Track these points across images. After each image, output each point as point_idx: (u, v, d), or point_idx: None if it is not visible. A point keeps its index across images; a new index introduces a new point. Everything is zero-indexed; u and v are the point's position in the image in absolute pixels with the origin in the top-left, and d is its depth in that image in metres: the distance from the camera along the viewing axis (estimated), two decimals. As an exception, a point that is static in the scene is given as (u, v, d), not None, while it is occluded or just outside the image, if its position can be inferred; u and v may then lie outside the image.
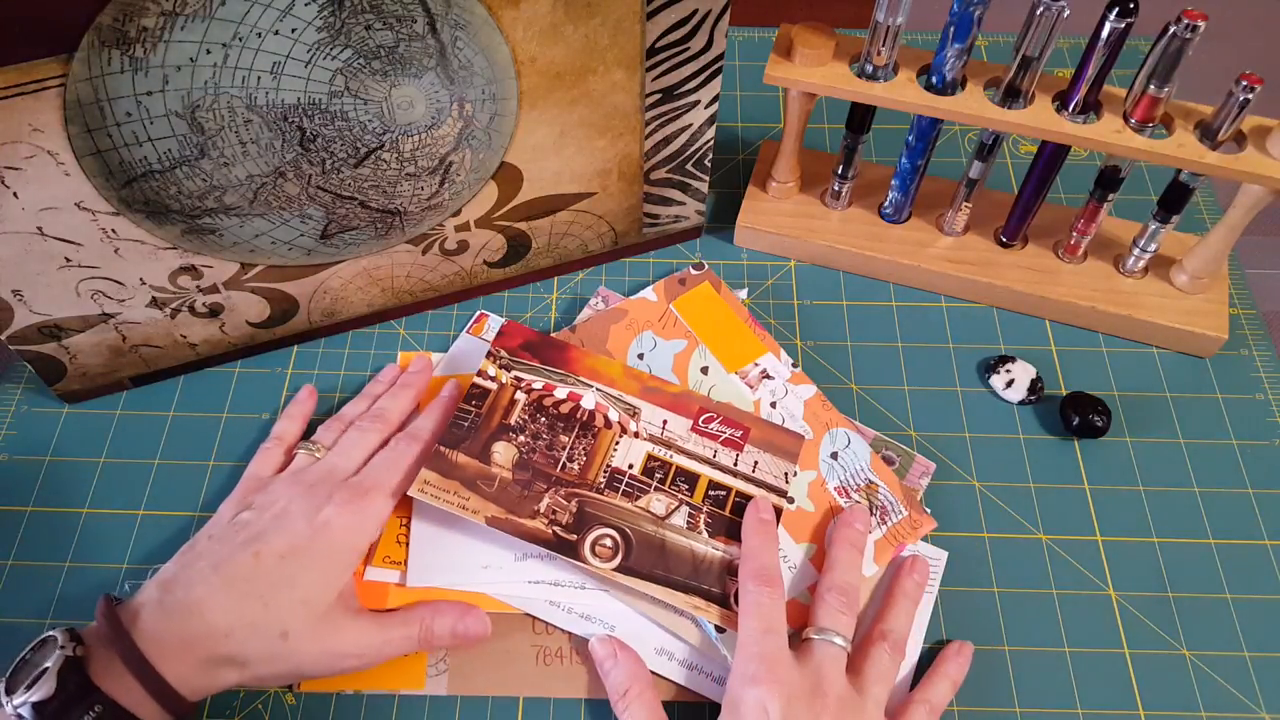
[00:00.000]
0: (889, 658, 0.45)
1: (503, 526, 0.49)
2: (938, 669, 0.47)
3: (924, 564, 0.50)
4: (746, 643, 0.44)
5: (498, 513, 0.49)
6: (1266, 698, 0.48)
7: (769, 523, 0.49)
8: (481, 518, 0.49)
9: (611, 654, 0.47)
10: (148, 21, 0.40)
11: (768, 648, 0.43)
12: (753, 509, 0.50)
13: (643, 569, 0.48)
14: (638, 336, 0.59)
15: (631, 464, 0.52)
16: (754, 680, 0.42)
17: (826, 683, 0.43)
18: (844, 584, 0.47)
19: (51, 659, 0.39)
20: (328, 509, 0.45)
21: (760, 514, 0.49)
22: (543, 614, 0.49)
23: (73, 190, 0.45)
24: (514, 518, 0.49)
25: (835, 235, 0.63)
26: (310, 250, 0.53)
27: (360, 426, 0.52)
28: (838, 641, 0.44)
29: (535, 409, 0.53)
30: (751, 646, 0.43)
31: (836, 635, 0.44)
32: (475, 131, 0.50)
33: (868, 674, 0.44)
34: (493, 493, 0.50)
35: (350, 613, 0.45)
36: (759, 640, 0.43)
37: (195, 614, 0.41)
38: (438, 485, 0.50)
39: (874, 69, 0.55)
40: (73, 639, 0.40)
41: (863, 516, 0.51)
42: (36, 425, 0.57)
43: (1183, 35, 0.48)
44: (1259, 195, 0.52)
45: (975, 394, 0.59)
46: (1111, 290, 0.60)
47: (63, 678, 0.38)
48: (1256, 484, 0.55)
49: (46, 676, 0.38)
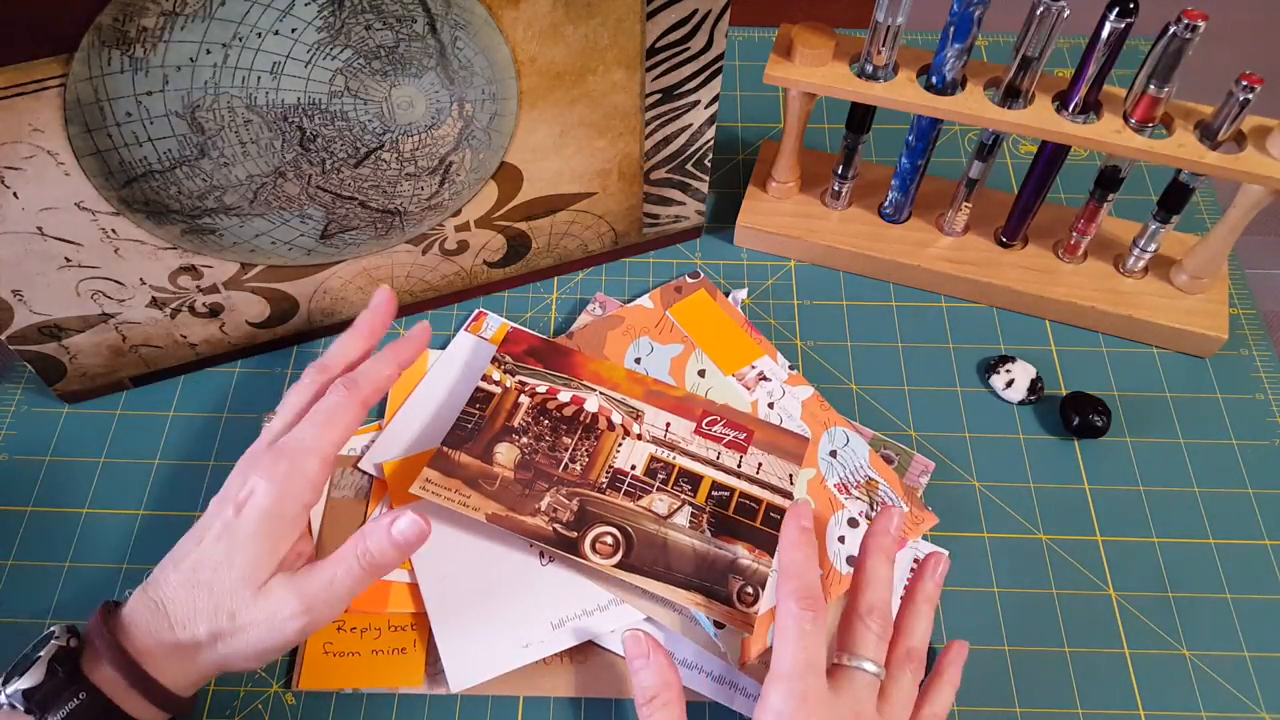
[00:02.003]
0: (913, 680, 0.43)
1: (503, 523, 0.49)
2: (940, 676, 0.45)
3: (946, 562, 0.47)
4: (788, 675, 0.41)
5: (498, 510, 0.49)
6: (1266, 698, 0.48)
7: (809, 532, 0.45)
8: (482, 515, 0.49)
9: (644, 653, 0.44)
10: (148, 21, 0.40)
11: (810, 687, 0.41)
12: (793, 517, 0.46)
13: (643, 566, 0.48)
14: (635, 342, 0.59)
15: (634, 465, 0.52)
16: None
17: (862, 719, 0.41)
18: (883, 605, 0.44)
19: (45, 649, 0.40)
20: (251, 479, 0.43)
21: (801, 521, 0.45)
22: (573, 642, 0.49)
23: (73, 190, 0.45)
24: (514, 515, 0.49)
25: (835, 235, 0.63)
26: (310, 250, 0.53)
27: (299, 382, 0.48)
28: (872, 669, 0.42)
29: (539, 412, 0.53)
30: (794, 681, 0.41)
31: (872, 663, 0.42)
32: (475, 131, 0.50)
33: (895, 701, 0.42)
34: (494, 491, 0.50)
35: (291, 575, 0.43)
36: (802, 677, 0.41)
37: (160, 611, 0.41)
38: (439, 483, 0.50)
39: (874, 69, 0.55)
40: (70, 633, 0.41)
41: (897, 519, 0.46)
42: (36, 425, 0.57)
43: (1183, 35, 0.48)
44: (1259, 195, 0.52)
45: (975, 394, 0.59)
46: (1111, 290, 0.60)
47: (52, 667, 0.39)
48: (1256, 484, 0.55)
49: (37, 665, 0.39)
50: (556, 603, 0.49)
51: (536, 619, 0.49)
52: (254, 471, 0.43)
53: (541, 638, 0.48)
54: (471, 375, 0.57)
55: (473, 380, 0.57)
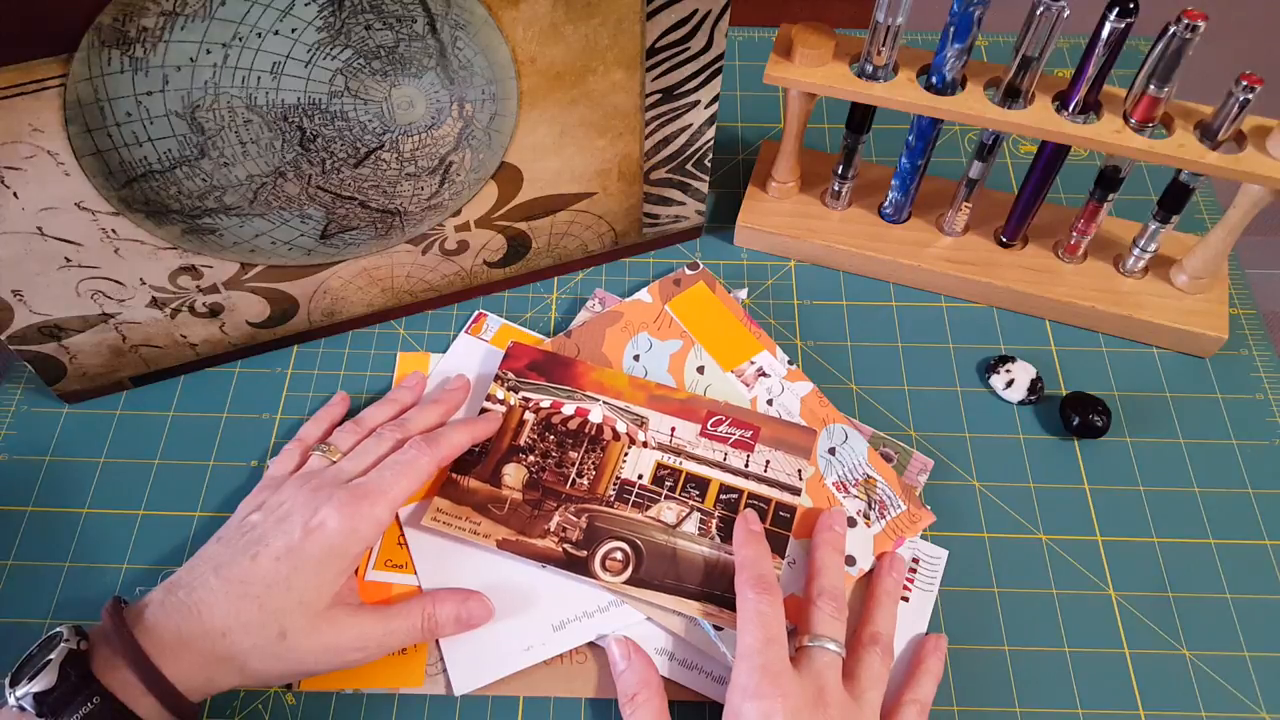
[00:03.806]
0: (880, 661, 0.46)
1: (513, 549, 0.49)
2: (920, 666, 0.47)
3: (901, 561, 0.51)
4: (748, 653, 0.43)
5: (508, 535, 0.50)
6: (1266, 698, 0.48)
7: (758, 534, 0.49)
8: (492, 542, 0.49)
9: (626, 655, 0.47)
10: (148, 21, 0.40)
11: (770, 659, 0.43)
12: (741, 522, 0.50)
13: (654, 579, 0.49)
14: (633, 338, 0.59)
15: (641, 474, 0.52)
16: (758, 694, 0.42)
17: (827, 692, 0.43)
18: (833, 588, 0.47)
19: (55, 652, 0.39)
20: (324, 510, 0.45)
21: (750, 526, 0.50)
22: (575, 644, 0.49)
23: (73, 190, 0.45)
24: (524, 539, 0.50)
25: (835, 235, 0.63)
26: (310, 250, 0.53)
27: (380, 434, 0.51)
28: (832, 648, 0.45)
29: (544, 427, 0.54)
30: (754, 658, 0.43)
31: (831, 641, 0.45)
32: (475, 131, 0.50)
33: (862, 679, 0.45)
34: (503, 515, 0.50)
35: (350, 608, 0.45)
36: (761, 651, 0.43)
37: (194, 615, 0.42)
38: (450, 513, 0.50)
39: (874, 69, 0.55)
40: (78, 635, 0.41)
41: (840, 519, 0.51)
42: (36, 425, 0.57)
43: (1183, 35, 0.48)
44: (1259, 195, 0.52)
45: (975, 394, 0.59)
46: (1111, 290, 0.60)
47: (64, 670, 0.39)
48: (1256, 484, 0.55)
49: (49, 668, 0.39)
50: (558, 605, 0.49)
51: (538, 621, 0.49)
52: (329, 504, 0.45)
53: (544, 640, 0.48)
54: (475, 381, 0.57)
55: (476, 386, 0.57)
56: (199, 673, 0.41)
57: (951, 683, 0.49)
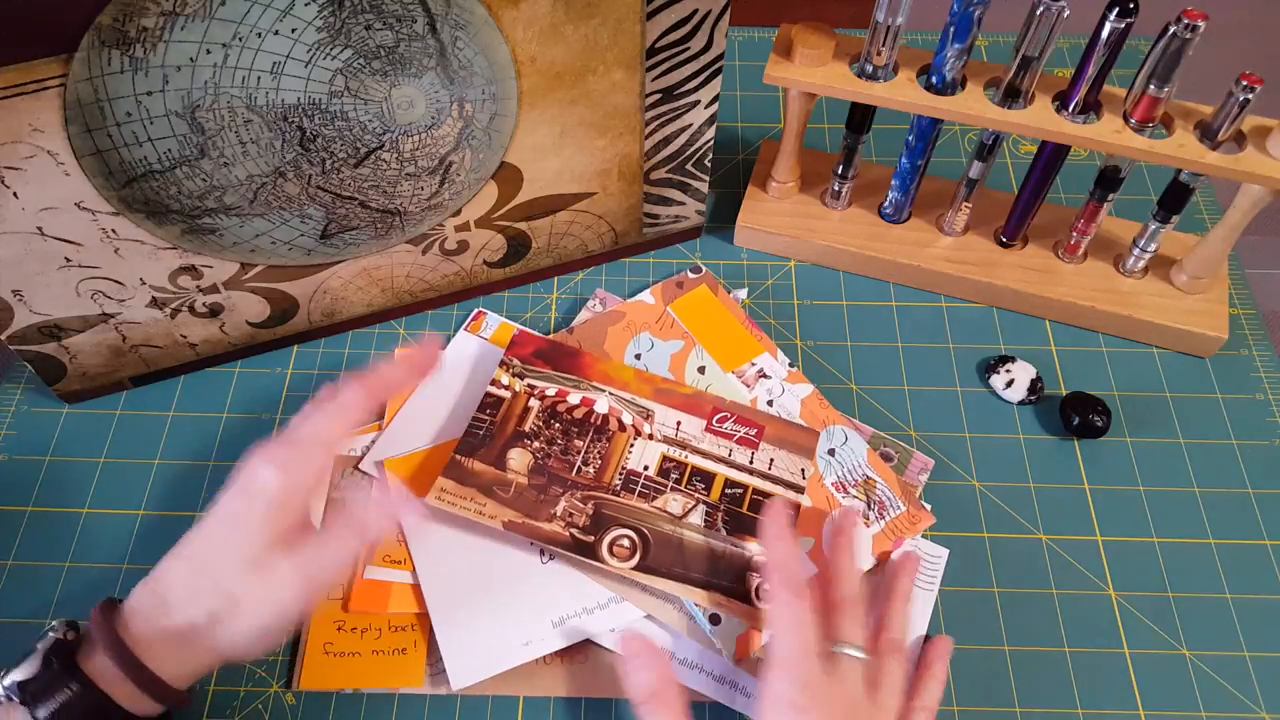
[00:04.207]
0: (900, 670, 0.45)
1: (519, 531, 0.49)
2: (927, 671, 0.47)
3: (917, 560, 0.51)
4: (787, 662, 0.43)
5: (514, 517, 0.50)
6: (1266, 698, 0.48)
7: (789, 530, 0.47)
8: (499, 523, 0.49)
9: (638, 653, 0.45)
10: (148, 21, 0.40)
11: (810, 672, 0.43)
12: (771, 512, 0.48)
13: (661, 567, 0.49)
14: (635, 338, 0.59)
15: (647, 465, 0.52)
16: (800, 709, 0.42)
17: (857, 704, 0.43)
18: (854, 596, 0.47)
19: (41, 642, 0.40)
20: (259, 467, 0.44)
21: (780, 518, 0.48)
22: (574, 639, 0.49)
23: (73, 190, 0.45)
24: (530, 522, 0.50)
25: (835, 235, 0.63)
26: (310, 250, 0.53)
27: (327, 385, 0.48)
28: (859, 655, 0.45)
29: (549, 415, 0.54)
30: (794, 668, 0.43)
31: (858, 649, 0.45)
32: (475, 131, 0.50)
33: (885, 687, 0.44)
34: (509, 498, 0.50)
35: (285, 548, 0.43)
36: (800, 661, 0.43)
37: (160, 596, 0.42)
38: (454, 493, 0.50)
39: (874, 69, 0.55)
40: (70, 627, 0.41)
41: (853, 520, 0.51)
42: (36, 425, 0.57)
43: (1183, 35, 0.48)
44: (1259, 195, 0.52)
45: (975, 394, 0.59)
46: (1111, 290, 0.60)
47: (47, 659, 0.40)
48: (1256, 484, 0.55)
49: (33, 657, 0.40)
50: (557, 601, 0.49)
51: (537, 617, 0.49)
52: (261, 459, 0.44)
53: (542, 635, 0.48)
54: (472, 376, 0.57)
55: (473, 381, 0.57)
56: (174, 655, 0.41)
57: (952, 682, 0.49)
